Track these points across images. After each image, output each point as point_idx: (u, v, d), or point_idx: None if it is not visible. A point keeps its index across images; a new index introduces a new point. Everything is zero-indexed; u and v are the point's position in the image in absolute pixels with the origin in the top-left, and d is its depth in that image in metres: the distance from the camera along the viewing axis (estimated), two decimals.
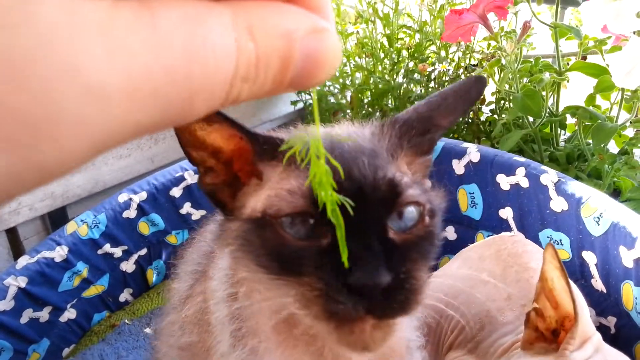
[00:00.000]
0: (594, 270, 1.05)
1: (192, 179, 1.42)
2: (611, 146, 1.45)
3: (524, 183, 1.18)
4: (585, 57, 1.53)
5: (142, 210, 1.38)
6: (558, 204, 1.11)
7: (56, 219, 1.58)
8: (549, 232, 1.15)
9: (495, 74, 1.53)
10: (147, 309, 1.36)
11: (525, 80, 1.46)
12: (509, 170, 1.21)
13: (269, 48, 0.26)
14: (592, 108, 1.42)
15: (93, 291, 1.32)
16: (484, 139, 1.76)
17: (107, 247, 1.32)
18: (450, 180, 1.30)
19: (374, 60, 1.88)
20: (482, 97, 1.58)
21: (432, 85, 1.84)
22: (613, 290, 1.01)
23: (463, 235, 1.32)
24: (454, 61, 1.82)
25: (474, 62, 1.82)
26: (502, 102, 1.71)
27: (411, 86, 1.87)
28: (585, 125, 1.44)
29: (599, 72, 1.38)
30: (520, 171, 1.18)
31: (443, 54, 1.82)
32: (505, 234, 1.07)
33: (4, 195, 0.22)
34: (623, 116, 1.38)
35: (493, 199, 1.25)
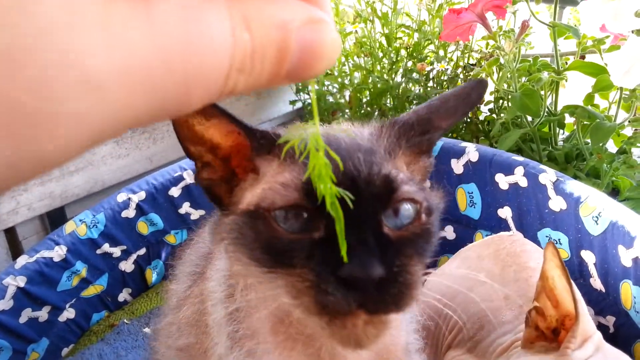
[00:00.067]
0: (592, 269, 1.05)
1: (190, 178, 1.42)
2: (610, 145, 1.45)
3: (523, 182, 1.18)
4: (583, 57, 1.53)
5: (141, 210, 1.37)
6: (557, 203, 1.11)
7: (55, 218, 1.57)
8: (547, 231, 1.15)
9: (493, 73, 1.53)
10: (146, 309, 1.36)
11: (524, 80, 1.46)
12: (508, 169, 1.21)
13: (264, 39, 0.25)
14: (590, 107, 1.42)
15: (92, 291, 1.32)
16: (483, 138, 1.76)
17: (105, 247, 1.32)
18: (449, 179, 1.30)
19: (373, 59, 1.88)
20: None
21: (430, 84, 1.84)
22: (612, 289, 1.02)
23: (462, 234, 1.32)
24: (452, 60, 1.82)
25: (472, 61, 1.81)
26: (500, 101, 1.71)
27: (410, 85, 1.87)
28: (583, 124, 1.44)
29: (597, 71, 1.38)
30: (519, 170, 1.18)
31: (442, 53, 1.82)
32: (504, 234, 1.07)
33: (1, 185, 0.22)
34: (621, 115, 1.38)
35: (492, 198, 1.26)
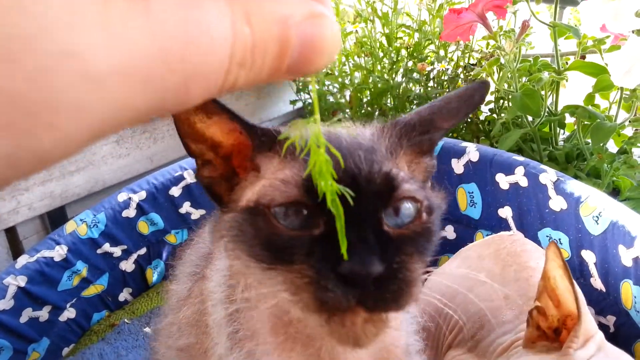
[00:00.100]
0: (593, 269, 1.06)
1: (191, 178, 1.42)
2: (610, 145, 1.45)
3: (523, 182, 1.18)
4: (584, 57, 1.53)
5: (141, 210, 1.37)
6: (557, 203, 1.11)
7: (55, 218, 1.57)
8: (548, 231, 1.15)
9: (494, 73, 1.53)
10: (146, 309, 1.36)
11: (524, 80, 1.46)
12: (508, 169, 1.21)
13: (265, 33, 0.25)
14: (591, 107, 1.42)
15: (92, 290, 1.32)
16: (483, 138, 1.76)
17: (106, 247, 1.32)
18: (450, 179, 1.30)
19: (373, 59, 1.88)
20: None
21: (431, 84, 1.84)
22: (612, 289, 1.02)
23: (462, 234, 1.32)
24: (452, 60, 1.82)
25: (473, 61, 1.81)
26: (501, 101, 1.71)
27: (410, 85, 1.87)
28: (584, 124, 1.44)
29: (597, 71, 1.38)
30: (520, 170, 1.18)
31: (442, 53, 1.82)
32: (505, 233, 1.07)
33: (1, 181, 0.22)
34: (622, 115, 1.38)
35: (492, 198, 1.26)
